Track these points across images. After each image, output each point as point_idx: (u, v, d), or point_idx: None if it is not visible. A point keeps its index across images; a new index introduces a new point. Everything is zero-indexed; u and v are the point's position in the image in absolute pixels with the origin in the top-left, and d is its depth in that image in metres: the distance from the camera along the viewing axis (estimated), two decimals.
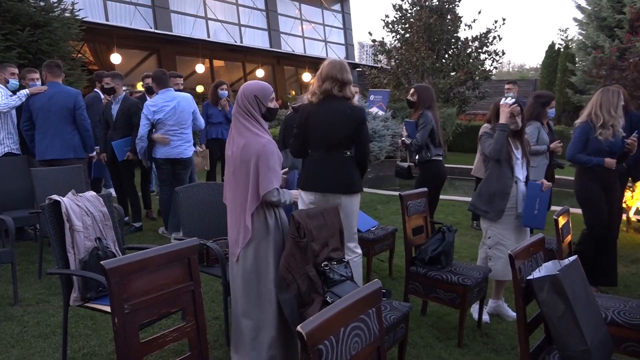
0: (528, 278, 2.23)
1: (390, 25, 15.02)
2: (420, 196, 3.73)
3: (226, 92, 6.68)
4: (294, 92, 19.91)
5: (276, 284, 2.80)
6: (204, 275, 3.61)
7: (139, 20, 14.55)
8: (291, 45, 19.83)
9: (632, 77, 6.67)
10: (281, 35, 19.51)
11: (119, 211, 3.58)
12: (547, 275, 2.17)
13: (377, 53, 15.77)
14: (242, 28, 18.16)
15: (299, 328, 1.40)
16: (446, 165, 12.68)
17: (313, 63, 20.01)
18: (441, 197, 8.08)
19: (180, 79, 6.19)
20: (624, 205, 5.81)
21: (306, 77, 19.17)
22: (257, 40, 18.57)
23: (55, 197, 2.88)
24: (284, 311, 2.75)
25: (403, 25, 14.83)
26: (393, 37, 15.14)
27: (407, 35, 14.54)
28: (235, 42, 17.39)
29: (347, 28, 22.75)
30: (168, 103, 5.28)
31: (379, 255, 4.59)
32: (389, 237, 4.53)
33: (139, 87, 7.10)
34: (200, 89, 16.13)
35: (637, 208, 6.22)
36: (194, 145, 5.85)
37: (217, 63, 17.96)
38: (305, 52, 20.13)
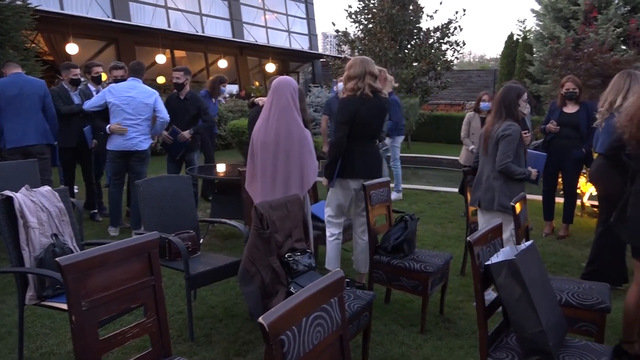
0: (486, 263, 2.28)
1: (353, 16, 15.03)
2: (383, 186, 3.76)
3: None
4: (257, 83, 19.75)
5: (239, 277, 2.79)
6: (166, 270, 3.57)
7: (96, 9, 14.12)
8: (254, 35, 19.62)
9: (586, 67, 6.88)
10: (244, 25, 19.27)
11: (77, 206, 3.49)
12: (505, 260, 2.23)
13: (341, 43, 15.78)
14: (204, 18, 17.84)
15: (260, 319, 1.40)
16: (410, 154, 12.88)
17: (277, 53, 19.87)
18: (405, 185, 8.23)
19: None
20: (578, 191, 6.02)
21: (270, 67, 19.01)
22: (220, 30, 18.28)
23: (7, 192, 2.78)
24: (247, 303, 2.75)
25: (366, 16, 14.86)
26: (356, 27, 15.17)
27: (370, 25, 14.58)
28: (197, 32, 17.09)
29: (310, 18, 22.65)
30: (128, 90, 5.21)
31: (344, 245, 4.61)
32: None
33: (104, 77, 6.85)
34: (161, 79, 15.80)
35: (591, 193, 6.45)
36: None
37: (179, 53, 17.62)
38: (268, 43, 19.95)
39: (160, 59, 15.66)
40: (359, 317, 2.79)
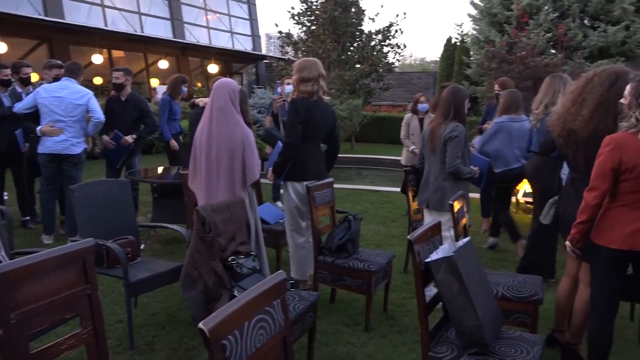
0: (426, 261, 2.35)
1: (296, 17, 15.09)
2: (326, 187, 3.79)
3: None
4: (200, 84, 19.40)
5: (181, 282, 2.73)
6: (105, 278, 3.45)
7: (26, 6, 13.43)
8: (196, 35, 19.27)
9: (519, 70, 7.22)
10: (185, 25, 18.88)
11: (6, 213, 3.30)
12: (444, 256, 2.30)
13: (284, 45, 15.79)
14: (143, 17, 17.34)
15: (200, 325, 1.38)
16: (353, 155, 13.02)
17: (219, 54, 19.59)
18: (349, 186, 8.33)
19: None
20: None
21: (212, 68, 18.72)
22: (160, 30, 17.82)
23: None
24: (190, 309, 2.70)
25: (309, 18, 14.95)
26: (299, 29, 15.23)
27: (313, 27, 14.67)
28: (136, 31, 16.59)
29: (253, 19, 22.49)
30: (59, 91, 4.99)
31: (287, 247, 4.61)
32: None
33: (36, 77, 6.50)
34: (98, 80, 15.22)
35: (525, 190, 6.75)
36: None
37: (117, 53, 17.03)
38: (210, 43, 19.65)
39: (97, 59, 15.11)
40: (304, 318, 2.79)
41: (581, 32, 14.30)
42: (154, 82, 17.80)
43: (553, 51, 13.02)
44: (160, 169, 6.40)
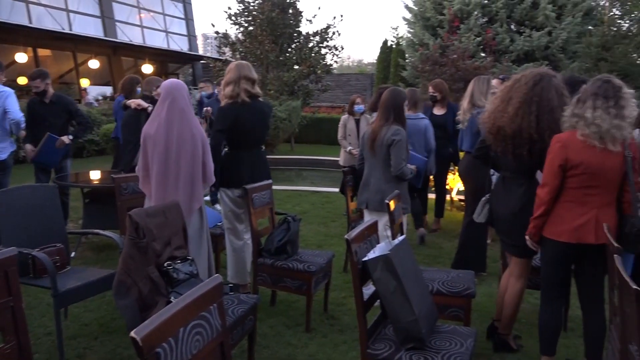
0: (363, 259, 2.38)
1: (233, 18, 14.92)
2: (265, 188, 3.77)
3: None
4: None
5: (114, 290, 2.64)
6: (32, 289, 3.28)
7: None
8: (129, 34, 18.65)
9: (451, 72, 7.49)
10: (117, 23, 18.23)
11: None
12: (380, 255, 2.34)
13: (222, 45, 15.57)
14: (71, 14, 16.60)
15: (132, 333, 1.34)
16: (293, 156, 13.01)
17: (154, 54, 19.07)
18: (289, 187, 8.33)
19: None
20: (447, 187, 6.51)
21: (147, 68, 18.18)
22: (89, 28, 17.11)
23: None
24: (124, 318, 2.60)
25: (246, 18, 14.83)
26: (237, 29, 15.07)
27: (251, 28, 14.57)
28: (63, 29, 15.85)
29: (189, 19, 22.05)
30: None
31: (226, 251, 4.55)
32: None
33: None
34: (22, 80, 14.41)
35: (458, 189, 7.00)
36: None
37: (43, 52, 16.20)
38: (144, 43, 19.08)
39: (21, 57, 14.32)
40: (244, 322, 2.76)
41: (508, 36, 15.02)
42: (84, 82, 17.07)
43: (483, 54, 13.58)
44: (92, 173, 6.14)
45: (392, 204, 3.18)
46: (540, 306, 2.96)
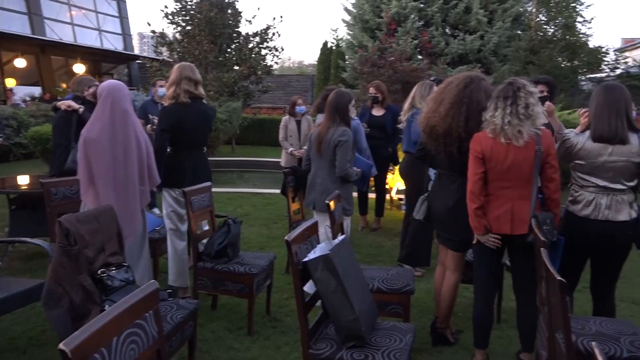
0: (304, 260, 2.39)
1: (170, 17, 14.55)
2: (204, 191, 3.70)
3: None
4: (65, 85, 17.97)
5: (43, 301, 2.51)
6: None
7: None
8: (58, 32, 17.81)
9: (388, 74, 7.64)
10: (45, 20, 17.37)
11: None
12: (321, 255, 2.36)
13: (158, 45, 15.15)
14: None
15: (61, 345, 1.28)
16: (234, 158, 12.85)
17: (86, 53, 18.32)
18: (230, 189, 8.22)
19: None
20: (387, 186, 6.64)
21: (78, 68, 17.42)
22: (15, 25, 16.20)
23: None
24: (55, 329, 2.48)
25: (184, 18, 14.50)
26: (174, 28, 14.71)
27: (189, 27, 14.26)
28: None
29: (123, 17, 21.33)
30: None
31: (166, 255, 4.42)
32: None
33: None
34: None
35: (397, 188, 7.16)
36: None
37: None
38: (76, 41, 18.29)
39: None
40: (183, 328, 2.70)
41: (443, 40, 15.53)
42: (10, 82, 16.15)
43: (420, 57, 13.96)
44: (20, 178, 5.81)
45: (332, 204, 3.21)
46: (473, 299, 3.08)
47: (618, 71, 18.66)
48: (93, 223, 2.73)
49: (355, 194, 6.26)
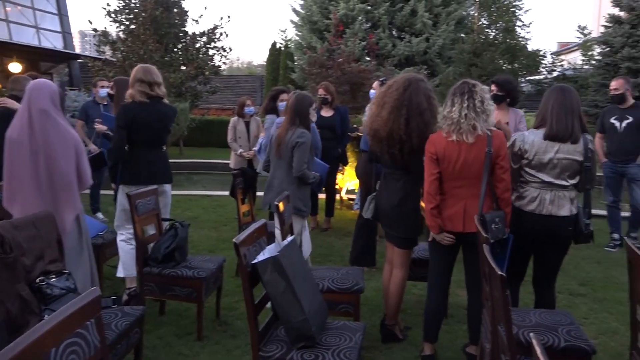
0: (253, 262, 2.37)
1: (113, 15, 14.10)
2: (150, 194, 3.61)
3: None
4: (0, 86, 17.08)
5: None
6: None
7: None
8: None
9: (337, 75, 7.69)
10: None
11: None
12: (269, 257, 2.35)
13: (101, 44, 14.65)
14: None
15: None
16: (183, 160, 12.62)
17: (23, 52, 17.47)
18: (178, 192, 8.05)
19: None
20: (337, 186, 6.69)
21: (14, 67, 16.58)
22: None
23: None
24: None
25: (128, 16, 14.08)
26: (117, 27, 14.26)
27: (133, 26, 13.86)
28: None
29: (63, 14, 20.49)
30: None
31: (109, 261, 4.29)
32: None
33: None
34: None
35: (347, 188, 7.22)
36: None
37: None
38: (11, 39, 17.41)
39: None
40: (129, 335, 2.63)
41: (390, 41, 15.81)
42: None
43: (368, 58, 14.14)
44: None
45: (281, 206, 3.20)
46: (427, 294, 3.17)
47: (555, 73, 19.57)
48: (30, 229, 2.61)
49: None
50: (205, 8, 14.88)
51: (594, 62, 17.42)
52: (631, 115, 5.35)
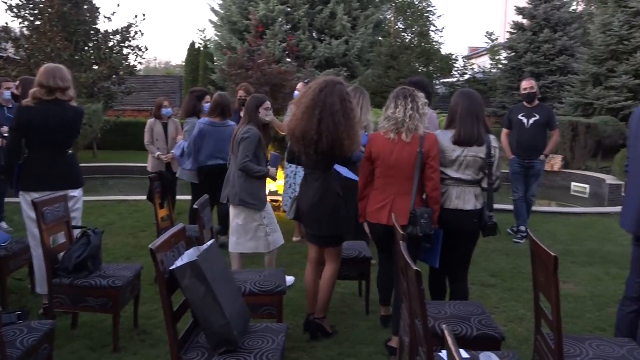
0: (171, 268, 2.30)
1: (15, 10, 13.16)
2: (58, 201, 3.41)
3: None
4: None
5: None
6: None
7: None
8: None
9: (257, 76, 7.65)
10: None
11: None
12: (188, 262, 2.29)
13: (1, 40, 13.62)
14: None
15: None
16: (96, 164, 12.06)
17: None
18: (92, 197, 7.66)
19: None
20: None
21: None
22: None
23: None
24: None
25: (32, 11, 13.20)
26: (20, 23, 13.32)
27: (38, 22, 13.01)
28: None
29: None
30: None
31: (15, 273, 4.00)
32: (26, 251, 3.96)
33: None
34: None
35: (270, 190, 7.20)
36: None
37: None
38: None
39: None
40: (37, 352, 2.46)
41: (310, 43, 15.96)
42: None
43: (288, 60, 14.17)
44: None
45: (200, 210, 3.13)
46: (378, 266, 3.59)
47: (466, 76, 20.65)
48: None
49: None
50: (118, 5, 14.29)
51: (501, 66, 18.59)
52: (538, 114, 5.78)
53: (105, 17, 14.17)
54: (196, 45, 19.28)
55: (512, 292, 4.33)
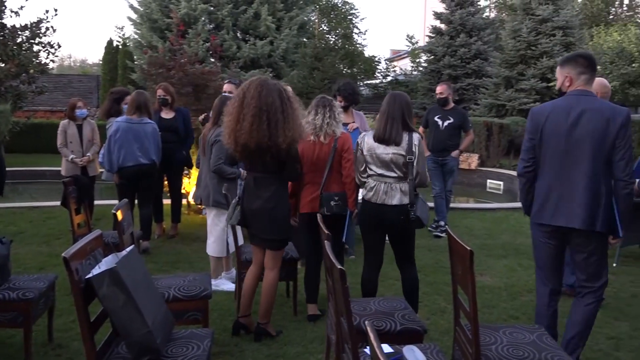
0: (87, 277, 2.19)
1: None
2: None
3: None
4: None
5: None
6: None
7: None
8: None
9: (179, 77, 7.43)
10: None
11: None
12: (106, 270, 2.19)
13: None
14: None
15: None
16: (7, 168, 11.22)
17: None
18: (1, 205, 7.14)
19: None
20: (183, 191, 6.48)
21: None
22: None
23: None
24: None
25: None
26: None
27: None
28: None
29: None
30: None
31: None
32: None
33: None
34: None
35: (194, 193, 7.03)
36: None
37: None
38: None
39: None
40: None
41: (235, 44, 15.74)
42: None
43: (213, 60, 13.91)
44: None
45: (119, 214, 3.01)
46: (305, 265, 3.85)
47: (389, 78, 21.24)
48: None
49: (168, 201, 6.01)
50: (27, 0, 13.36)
51: (421, 68, 19.28)
52: (452, 117, 6.15)
53: (12, 11, 13.27)
54: (114, 44, 18.47)
55: (434, 286, 4.50)
